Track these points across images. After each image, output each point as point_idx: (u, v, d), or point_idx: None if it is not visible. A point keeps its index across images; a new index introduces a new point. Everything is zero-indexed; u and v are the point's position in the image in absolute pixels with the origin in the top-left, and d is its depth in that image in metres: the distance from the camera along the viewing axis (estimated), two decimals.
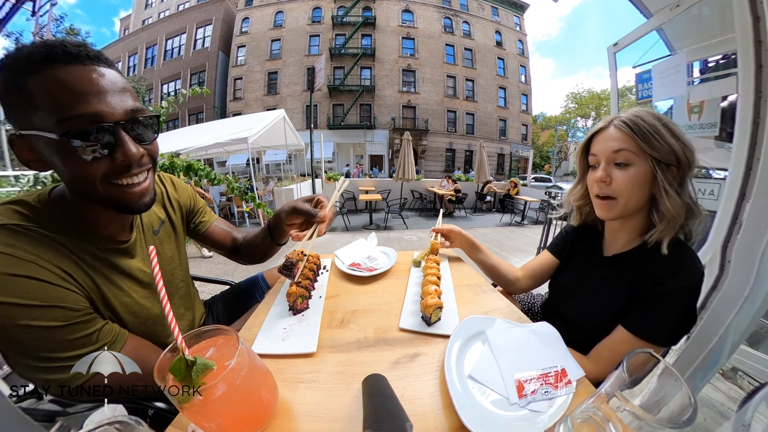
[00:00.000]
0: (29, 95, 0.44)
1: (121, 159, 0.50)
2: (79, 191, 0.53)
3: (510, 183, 9.77)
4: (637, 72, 2.04)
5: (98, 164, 0.49)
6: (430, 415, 0.46)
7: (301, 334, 0.65)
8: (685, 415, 0.30)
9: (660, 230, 0.63)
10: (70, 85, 0.45)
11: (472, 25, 23.97)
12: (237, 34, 22.53)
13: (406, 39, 22.43)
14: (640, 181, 0.63)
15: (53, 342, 0.47)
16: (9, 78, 0.45)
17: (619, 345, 0.65)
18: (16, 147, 0.49)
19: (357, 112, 21.67)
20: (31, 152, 0.49)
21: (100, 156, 0.48)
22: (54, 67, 0.44)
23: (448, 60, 23.01)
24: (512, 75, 25.06)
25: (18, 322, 0.44)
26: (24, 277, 0.45)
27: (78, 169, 0.48)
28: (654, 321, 0.63)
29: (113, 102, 0.48)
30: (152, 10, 25.62)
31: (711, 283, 1.23)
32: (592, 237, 0.86)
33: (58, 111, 0.44)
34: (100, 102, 0.47)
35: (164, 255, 0.78)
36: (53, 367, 0.48)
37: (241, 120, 8.32)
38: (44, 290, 0.47)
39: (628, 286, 0.68)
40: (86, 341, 0.50)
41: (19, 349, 0.46)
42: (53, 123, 0.44)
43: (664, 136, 0.61)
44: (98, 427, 0.30)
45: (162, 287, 0.41)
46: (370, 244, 1.16)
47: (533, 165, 22.73)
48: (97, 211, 0.57)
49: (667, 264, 0.63)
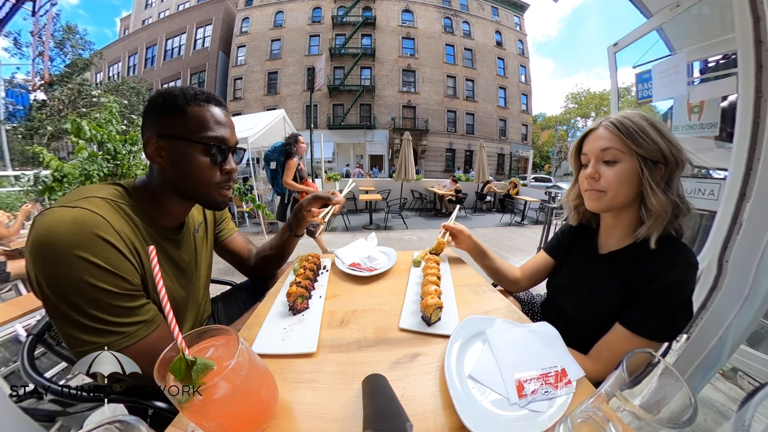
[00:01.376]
0: (187, 116, 0.64)
1: (227, 170, 0.71)
2: (186, 186, 0.68)
3: (510, 183, 9.76)
4: (637, 72, 2.03)
5: (214, 169, 0.68)
6: (430, 415, 0.46)
7: (301, 334, 0.65)
8: (686, 415, 0.30)
9: (648, 226, 0.66)
10: (218, 117, 0.68)
11: (472, 25, 23.97)
12: (237, 34, 22.52)
13: (406, 39, 22.42)
14: (627, 177, 0.66)
15: (105, 305, 0.54)
16: (177, 102, 0.65)
17: (617, 343, 0.66)
18: (148, 145, 0.65)
19: (357, 112, 21.66)
20: (159, 150, 0.65)
21: (217, 165, 0.68)
22: (209, 105, 0.68)
23: (448, 60, 23.00)
24: (512, 75, 25.06)
25: (87, 278, 0.51)
26: (110, 244, 0.55)
27: (202, 170, 0.67)
28: (650, 317, 0.63)
29: (231, 133, 0.72)
30: (152, 10, 25.62)
31: (711, 284, 1.23)
32: (587, 236, 0.87)
33: (205, 129, 0.65)
34: (226, 132, 0.69)
35: (200, 252, 0.87)
36: (97, 329, 0.53)
37: (241, 120, 8.31)
38: (118, 260, 0.56)
39: (623, 283, 0.69)
40: (129, 312, 0.57)
41: (78, 303, 0.52)
42: (197, 136, 0.65)
43: (651, 135, 0.64)
44: (98, 426, 0.30)
45: (162, 287, 0.42)
46: (370, 244, 1.16)
47: (533, 165, 22.69)
48: (174, 203, 0.72)
49: (660, 259, 0.64)
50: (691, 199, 0.69)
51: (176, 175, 0.67)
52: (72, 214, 0.53)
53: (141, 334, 0.57)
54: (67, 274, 0.51)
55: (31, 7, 6.81)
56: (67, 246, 0.51)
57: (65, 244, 0.51)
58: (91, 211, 0.55)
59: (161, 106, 0.65)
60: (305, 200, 0.99)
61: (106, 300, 0.53)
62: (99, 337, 0.53)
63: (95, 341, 0.53)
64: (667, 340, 0.68)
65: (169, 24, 23.41)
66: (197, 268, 0.85)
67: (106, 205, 0.59)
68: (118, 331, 0.55)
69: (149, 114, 0.66)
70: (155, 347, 0.57)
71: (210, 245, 0.95)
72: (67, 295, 0.51)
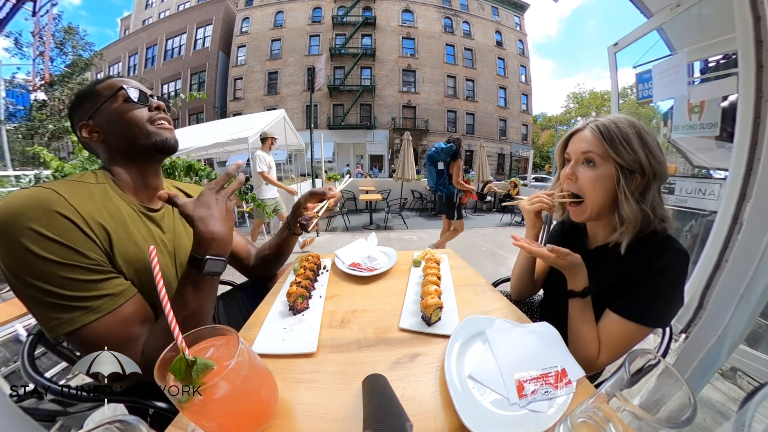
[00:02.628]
0: (97, 91, 0.69)
1: (154, 106, 0.72)
2: (129, 140, 0.69)
3: (510, 183, 9.75)
4: (638, 72, 2.03)
5: (142, 109, 0.70)
6: (430, 415, 0.46)
7: (301, 334, 0.65)
8: (685, 414, 0.30)
9: (620, 232, 0.68)
10: (124, 79, 0.72)
11: (473, 25, 23.94)
12: (237, 34, 22.51)
13: (406, 39, 22.40)
14: (602, 182, 0.68)
15: (55, 277, 0.52)
16: (84, 90, 0.71)
17: (609, 327, 0.67)
18: (81, 133, 0.69)
19: (357, 112, 21.64)
20: (91, 130, 0.69)
21: (140, 103, 0.70)
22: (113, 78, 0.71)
23: (449, 60, 22.98)
24: (512, 75, 25.03)
25: (34, 249, 0.51)
26: (63, 216, 0.54)
27: (131, 114, 0.68)
28: (639, 301, 0.65)
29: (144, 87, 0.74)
30: (152, 10, 25.61)
31: (709, 283, 1.23)
32: (577, 231, 0.90)
33: (115, 87, 0.69)
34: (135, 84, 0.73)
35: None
36: (55, 304, 0.52)
37: (242, 120, 8.30)
38: (71, 232, 0.55)
39: (611, 274, 0.71)
40: (88, 286, 0.55)
41: (28, 277, 0.51)
42: (114, 92, 0.68)
43: (633, 145, 0.65)
44: (99, 426, 0.30)
45: (162, 287, 0.42)
46: (370, 244, 1.16)
47: (533, 165, 22.66)
48: (133, 174, 0.72)
49: (652, 248, 0.66)
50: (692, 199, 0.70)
51: (114, 137, 0.69)
52: (27, 192, 0.55)
53: (107, 307, 0.55)
54: (14, 247, 0.50)
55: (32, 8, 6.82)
56: (16, 218, 0.51)
57: (15, 216, 0.51)
58: (46, 188, 0.56)
59: (75, 101, 0.71)
60: (302, 197, 0.99)
61: (55, 272, 0.52)
62: (62, 313, 0.53)
63: (58, 317, 0.52)
64: (658, 326, 0.70)
65: (170, 24, 23.40)
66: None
67: (66, 183, 0.61)
68: (80, 305, 0.53)
69: (71, 114, 0.71)
70: (129, 320, 0.58)
71: None
72: (17, 270, 0.51)
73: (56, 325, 0.53)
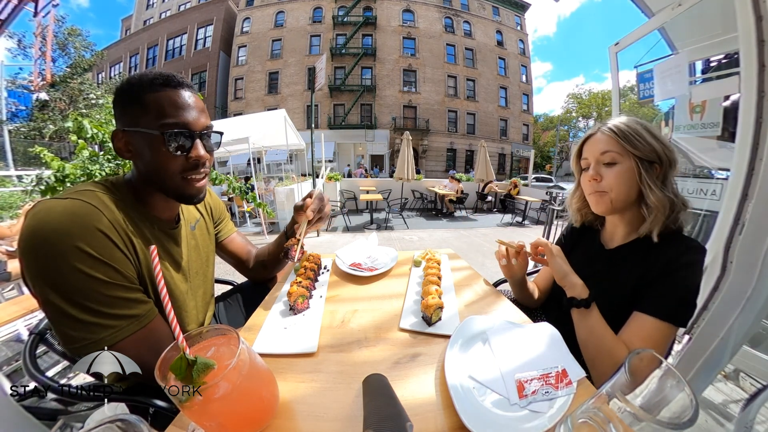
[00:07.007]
0: (144, 105, 0.61)
1: (193, 158, 0.65)
2: (156, 179, 0.66)
3: (511, 183, 9.74)
4: (639, 72, 2.03)
5: (178, 159, 0.64)
6: (430, 415, 0.46)
7: (302, 333, 0.65)
8: (686, 415, 0.30)
9: (650, 222, 0.70)
10: (177, 102, 0.63)
11: (473, 24, 23.94)
12: (238, 34, 22.56)
13: (406, 39, 22.41)
14: (626, 176, 0.70)
15: (99, 295, 0.53)
16: (133, 91, 0.62)
17: (641, 332, 0.65)
18: (116, 140, 0.64)
19: (358, 111, 21.67)
20: (126, 144, 0.64)
21: (180, 153, 0.63)
22: (167, 89, 0.62)
23: (449, 60, 22.98)
24: (513, 75, 25.02)
25: (81, 267, 0.51)
26: (102, 233, 0.55)
27: (164, 160, 0.63)
28: (667, 299, 0.65)
29: (198, 117, 0.65)
30: (153, 10, 25.68)
31: (713, 284, 1.23)
32: (590, 234, 0.91)
33: (162, 117, 0.61)
34: (189, 116, 0.64)
35: (199, 249, 0.86)
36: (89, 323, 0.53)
37: (242, 120, 8.31)
38: (111, 250, 0.56)
39: (633, 274, 0.71)
40: (122, 304, 0.56)
41: (71, 293, 0.52)
42: (155, 125, 0.60)
43: (646, 138, 0.69)
44: (100, 425, 0.30)
45: (163, 287, 0.42)
46: (370, 244, 1.16)
47: (534, 165, 22.62)
48: (158, 198, 0.70)
49: (671, 247, 0.68)
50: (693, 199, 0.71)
51: (145, 168, 0.65)
52: (64, 204, 0.54)
53: (130, 329, 0.57)
54: (59, 264, 0.50)
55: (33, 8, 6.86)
56: (59, 236, 0.50)
57: (58, 233, 0.50)
58: (83, 201, 0.55)
59: (122, 97, 0.63)
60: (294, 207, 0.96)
61: (99, 290, 0.53)
62: (91, 333, 0.53)
63: (86, 337, 0.53)
64: (682, 325, 0.69)
65: (170, 24, 23.46)
66: (198, 265, 0.85)
67: (98, 197, 0.59)
68: (110, 324, 0.54)
69: (115, 106, 0.64)
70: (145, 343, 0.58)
71: (212, 243, 0.95)
72: (60, 286, 0.51)
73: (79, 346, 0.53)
